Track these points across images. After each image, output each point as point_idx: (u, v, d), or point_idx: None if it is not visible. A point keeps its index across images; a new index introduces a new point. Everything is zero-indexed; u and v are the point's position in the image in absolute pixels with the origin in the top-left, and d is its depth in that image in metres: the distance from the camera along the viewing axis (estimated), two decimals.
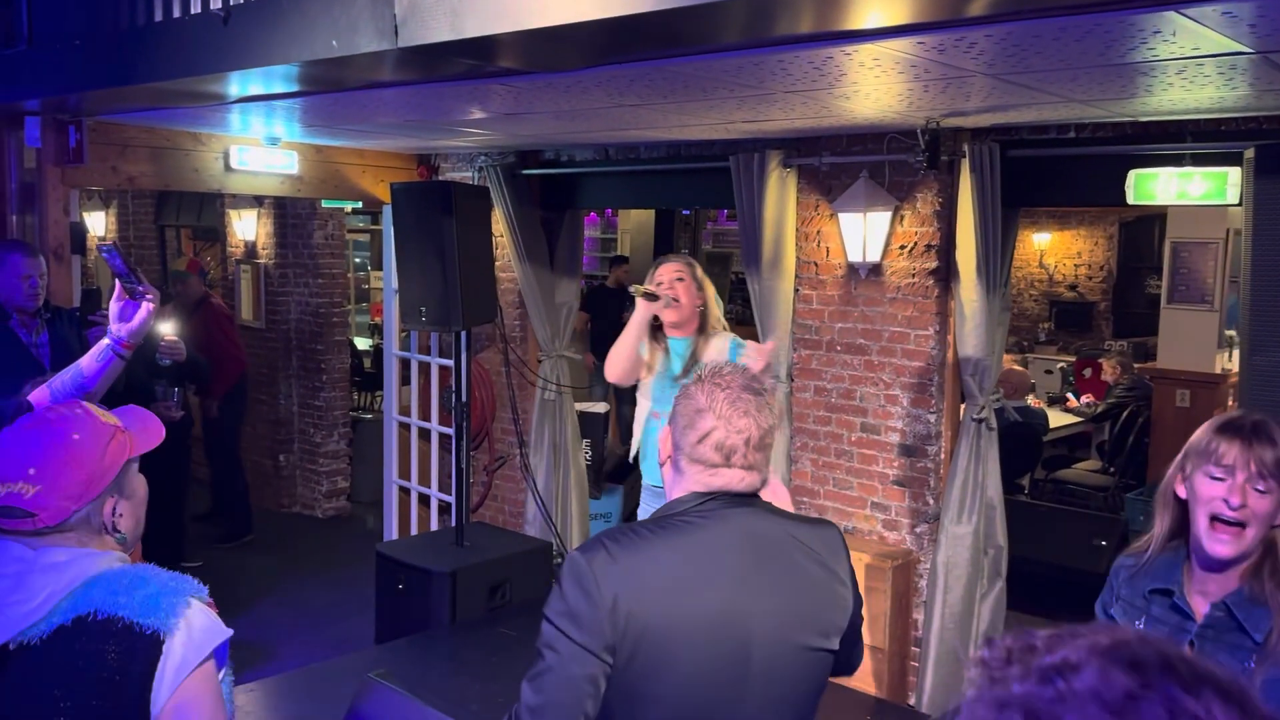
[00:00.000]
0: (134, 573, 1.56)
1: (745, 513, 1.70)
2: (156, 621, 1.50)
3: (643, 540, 1.66)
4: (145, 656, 1.49)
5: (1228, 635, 1.82)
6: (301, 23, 2.92)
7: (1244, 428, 1.81)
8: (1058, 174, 4.31)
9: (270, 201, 7.47)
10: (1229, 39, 2.40)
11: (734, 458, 1.68)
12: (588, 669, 1.57)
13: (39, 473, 1.54)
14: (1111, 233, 11.53)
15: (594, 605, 1.58)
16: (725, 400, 1.69)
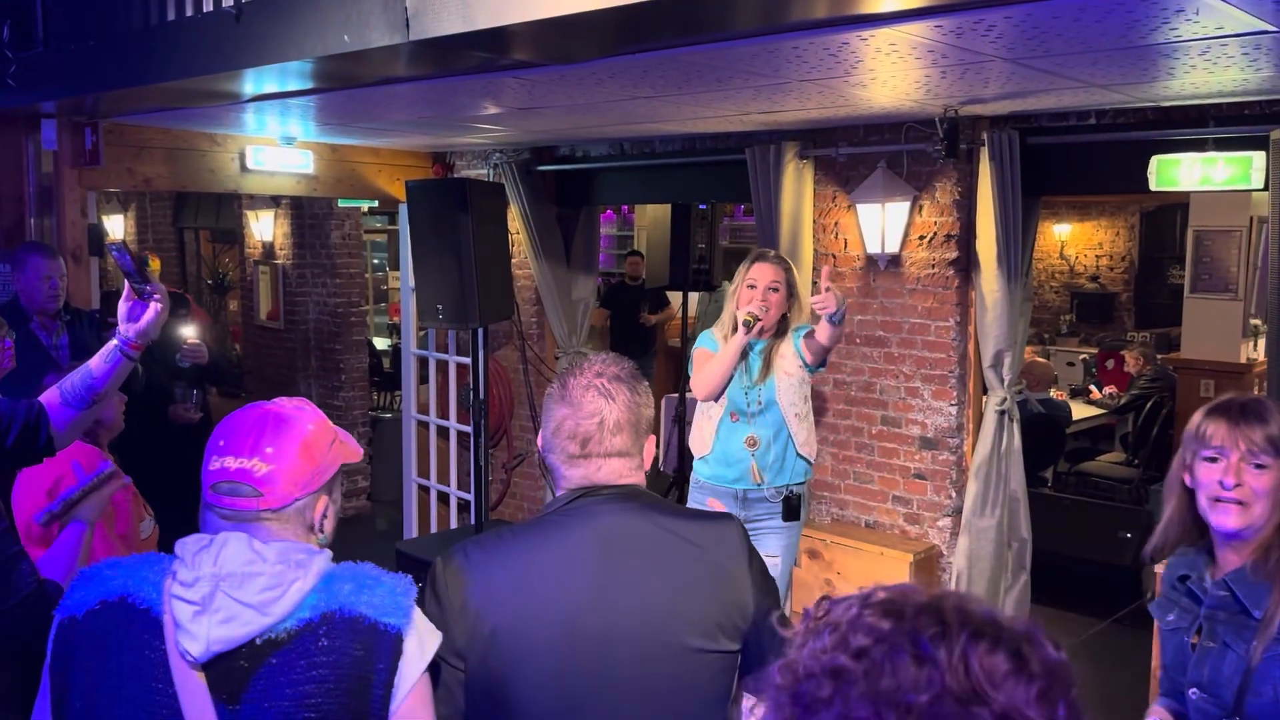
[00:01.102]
0: (365, 570, 1.55)
1: (612, 509, 1.63)
2: (398, 621, 1.49)
3: (502, 542, 1.64)
4: (389, 655, 1.48)
5: (1233, 615, 1.80)
6: (313, 17, 2.92)
7: (1231, 408, 1.81)
8: (1078, 161, 4.25)
9: (287, 202, 7.49)
10: (1254, 17, 2.35)
11: (590, 445, 1.63)
12: (439, 675, 1.55)
13: (275, 453, 1.53)
14: (1132, 223, 11.42)
15: (443, 610, 1.56)
16: (576, 386, 1.65)
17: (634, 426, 1.66)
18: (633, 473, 1.68)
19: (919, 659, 0.81)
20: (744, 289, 3.65)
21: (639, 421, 1.67)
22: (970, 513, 4.44)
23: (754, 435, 3.67)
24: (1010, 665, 0.80)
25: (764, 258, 3.70)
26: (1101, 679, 4.77)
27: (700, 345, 3.80)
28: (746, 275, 3.66)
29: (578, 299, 6.07)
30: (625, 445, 1.65)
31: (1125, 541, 5.56)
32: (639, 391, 1.68)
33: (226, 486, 1.51)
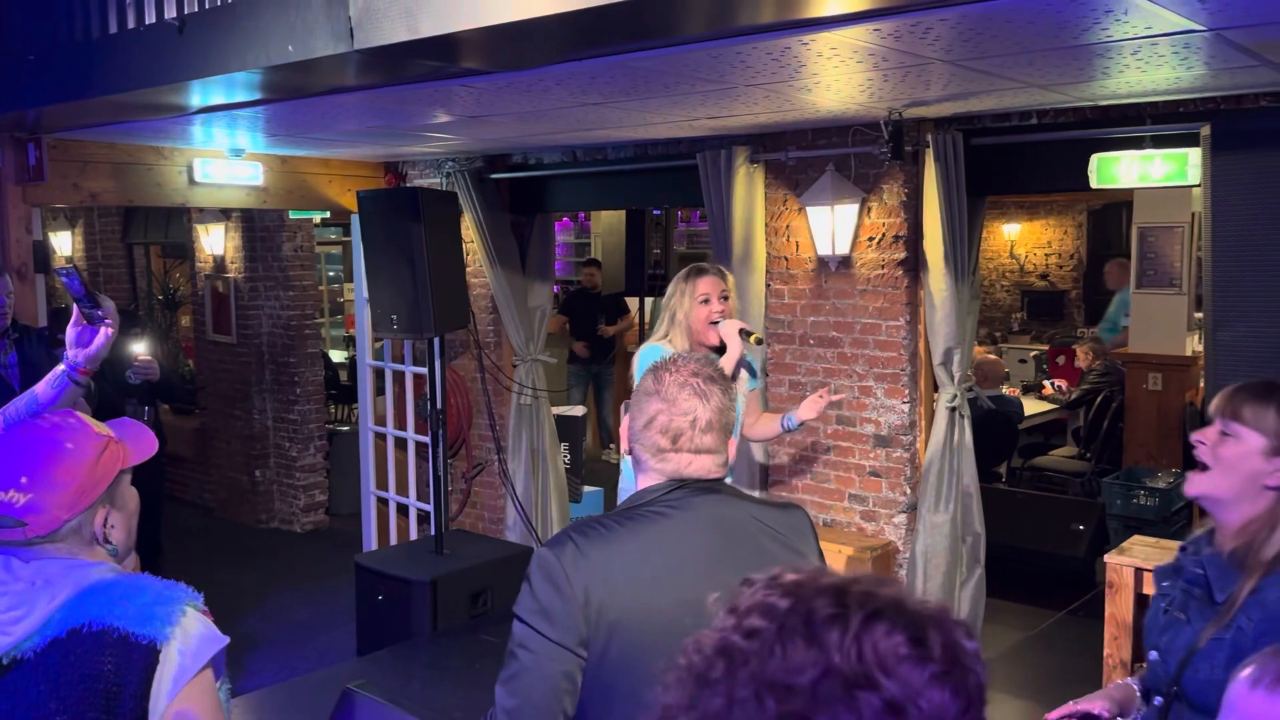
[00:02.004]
0: (127, 582, 1.54)
1: (711, 500, 1.69)
2: (152, 631, 1.48)
3: (611, 533, 1.65)
4: (141, 666, 1.47)
5: (1202, 594, 1.86)
6: (257, 28, 2.91)
7: (1244, 386, 1.87)
8: (1021, 161, 4.34)
9: (238, 215, 7.41)
10: (1181, 17, 2.42)
11: (681, 440, 1.67)
12: (563, 665, 1.56)
13: (31, 481, 1.52)
14: (1080, 221, 11.63)
15: (566, 600, 1.56)
16: (672, 384, 1.69)
17: (723, 427, 1.71)
18: (719, 469, 1.73)
19: (810, 640, 0.79)
20: (698, 305, 3.53)
21: (727, 423, 1.72)
22: (925, 508, 4.51)
23: None
24: (909, 648, 0.78)
25: (706, 271, 3.64)
26: (1056, 669, 4.85)
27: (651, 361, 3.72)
28: (697, 291, 3.54)
29: (534, 306, 6.07)
30: (714, 443, 1.70)
31: (1078, 533, 5.67)
32: (729, 394, 1.74)
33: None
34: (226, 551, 7.13)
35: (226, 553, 7.09)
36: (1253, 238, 2.55)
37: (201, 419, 8.11)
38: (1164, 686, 1.87)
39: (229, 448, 7.81)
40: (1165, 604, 1.94)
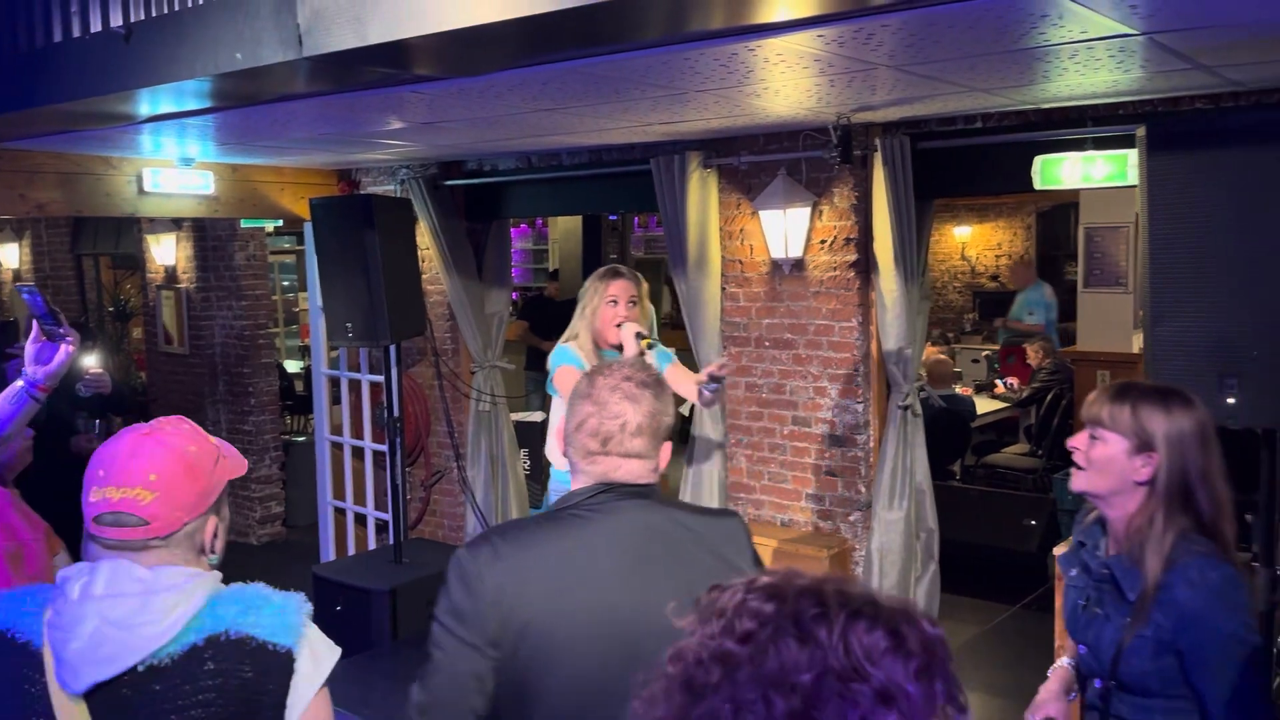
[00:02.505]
0: (253, 590, 1.55)
1: (637, 505, 1.69)
2: (288, 640, 1.49)
3: (530, 535, 1.67)
4: (280, 674, 1.48)
5: (1114, 591, 1.96)
6: (204, 36, 2.90)
7: (1111, 388, 1.98)
8: (967, 164, 4.42)
9: (189, 224, 7.34)
10: (1114, 21, 2.49)
11: (610, 444, 1.69)
12: (473, 666, 1.58)
13: (159, 480, 1.51)
14: (1029, 223, 11.84)
15: (477, 601, 1.59)
16: (604, 387, 1.71)
17: (653, 432, 1.71)
18: (649, 474, 1.73)
19: (802, 640, 0.83)
20: (605, 307, 3.68)
21: (659, 428, 1.73)
22: (880, 506, 4.57)
23: None
24: (889, 643, 0.83)
25: (619, 273, 3.78)
26: (1010, 662, 4.93)
27: (567, 364, 3.72)
28: (607, 292, 3.69)
29: (491, 313, 6.07)
30: (643, 448, 1.71)
31: (1030, 529, 5.77)
32: (661, 399, 1.74)
33: (110, 518, 1.49)
34: None
35: None
36: (1187, 235, 2.63)
37: None
38: (1101, 675, 1.96)
39: None
40: (1083, 600, 2.02)
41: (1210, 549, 1.85)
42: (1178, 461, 1.85)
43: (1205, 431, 1.87)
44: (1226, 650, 1.78)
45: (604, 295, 3.70)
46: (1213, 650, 1.79)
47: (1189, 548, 1.84)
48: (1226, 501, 1.87)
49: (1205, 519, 1.86)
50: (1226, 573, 1.82)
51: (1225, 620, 1.79)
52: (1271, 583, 2.79)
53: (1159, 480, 1.86)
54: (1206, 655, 1.79)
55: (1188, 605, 1.80)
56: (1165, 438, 1.85)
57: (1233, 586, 1.81)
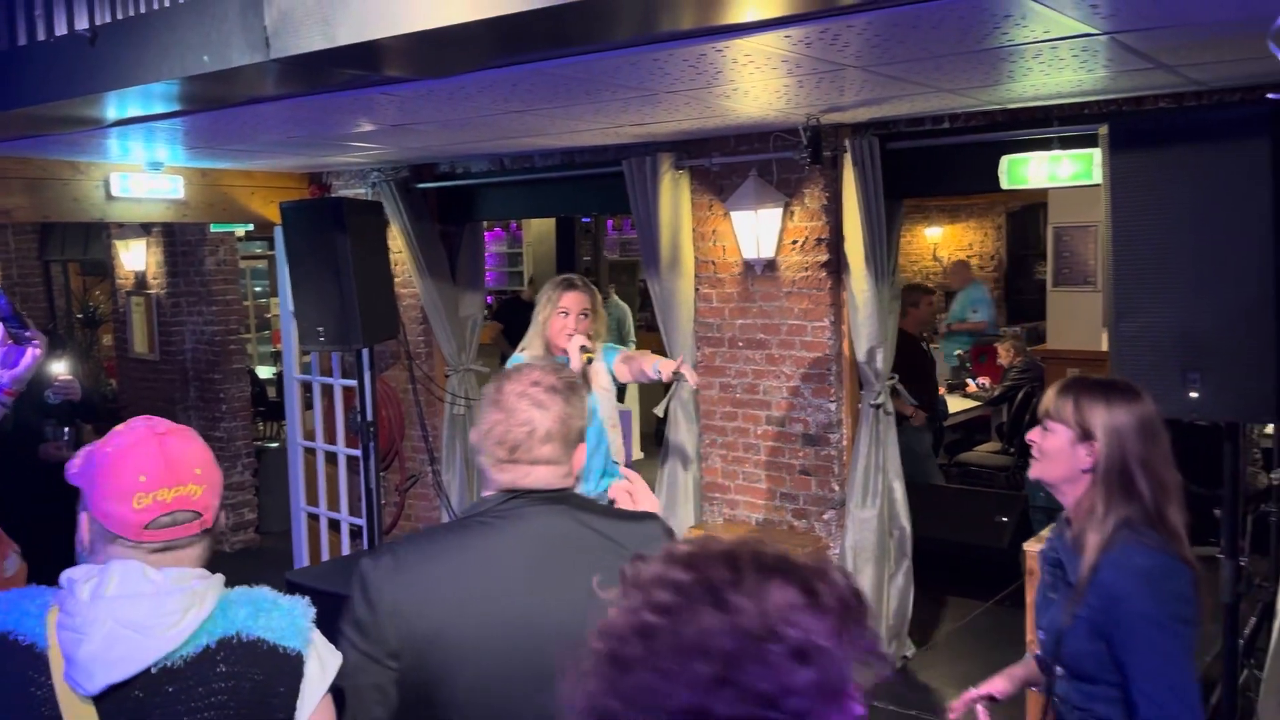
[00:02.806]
0: (259, 594, 1.55)
1: (546, 511, 1.67)
2: (298, 644, 1.49)
3: (433, 544, 1.66)
4: (290, 678, 1.48)
5: (1063, 577, 2.03)
6: (171, 39, 2.88)
7: (1056, 384, 2.07)
8: (935, 164, 4.46)
9: (158, 230, 7.28)
10: (1076, 21, 2.53)
11: (518, 451, 1.67)
12: (373, 677, 1.57)
13: (204, 473, 1.52)
14: (999, 223, 11.95)
15: (376, 613, 1.58)
16: (511, 394, 1.69)
17: (563, 437, 1.69)
18: (561, 480, 1.71)
19: (717, 605, 0.85)
20: (556, 317, 3.77)
21: (569, 432, 1.70)
22: (853, 504, 4.60)
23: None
24: (803, 600, 0.85)
25: (573, 285, 3.84)
26: (986, 658, 4.97)
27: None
28: (559, 304, 3.77)
29: (465, 316, 6.06)
30: (554, 454, 1.69)
31: (1002, 525, 5.82)
32: (572, 403, 1.72)
33: (167, 519, 1.48)
34: None
35: None
36: (1149, 232, 2.67)
37: None
38: (1050, 660, 2.02)
39: None
40: (1046, 588, 2.10)
41: (1155, 540, 1.89)
42: (1116, 450, 1.91)
43: (1147, 422, 1.93)
44: (1144, 635, 1.82)
45: (556, 306, 3.78)
46: (1130, 633, 1.84)
47: (1129, 534, 1.89)
48: (1173, 490, 1.92)
49: (1149, 506, 1.90)
50: (1158, 560, 1.86)
51: (1144, 604, 1.83)
52: (1235, 574, 2.83)
53: (1099, 467, 1.92)
54: (1125, 638, 1.84)
55: (1111, 587, 1.86)
56: (1104, 427, 1.92)
57: (1161, 574, 1.85)
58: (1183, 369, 2.63)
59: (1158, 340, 2.68)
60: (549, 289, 3.89)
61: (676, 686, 0.83)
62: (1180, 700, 1.81)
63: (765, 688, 0.82)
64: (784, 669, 0.82)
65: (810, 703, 0.83)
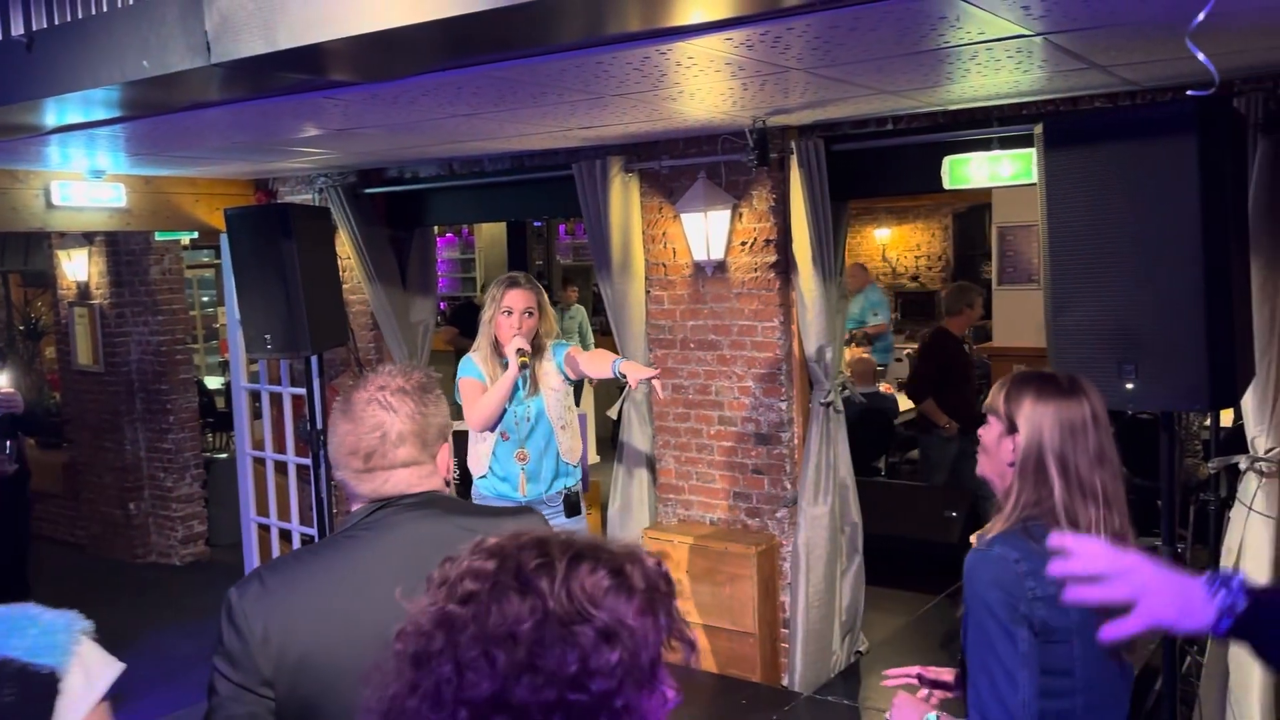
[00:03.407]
0: (17, 612, 1.49)
1: (414, 517, 1.63)
2: (52, 660, 1.44)
3: (300, 565, 1.63)
4: (42, 697, 1.43)
5: None
6: (109, 43, 2.84)
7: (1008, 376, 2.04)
8: (880, 165, 4.53)
9: (101, 239, 7.15)
10: (1010, 23, 2.59)
11: (373, 459, 1.64)
12: (247, 707, 1.54)
13: None
14: (946, 224, 12.14)
15: (245, 642, 1.54)
16: (358, 402, 1.66)
17: (419, 436, 1.65)
18: (425, 480, 1.67)
19: (523, 591, 0.85)
20: (500, 316, 3.80)
21: (425, 430, 1.67)
22: (805, 502, 4.65)
23: (524, 450, 3.88)
24: (612, 582, 0.86)
25: (516, 283, 3.86)
26: (936, 651, 5.05)
27: (466, 375, 3.91)
28: (502, 302, 3.80)
29: (417, 321, 6.03)
30: (411, 455, 1.65)
31: (951, 520, 5.91)
32: (425, 401, 1.68)
33: None
34: (101, 589, 6.84)
35: (101, 591, 6.80)
36: (1083, 228, 2.73)
37: (70, 452, 7.78)
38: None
39: (100, 481, 7.51)
40: None
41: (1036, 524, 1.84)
42: (1034, 443, 1.87)
43: (1075, 418, 1.87)
44: (978, 618, 1.79)
45: (500, 305, 3.80)
46: (971, 615, 1.82)
47: (1019, 529, 1.84)
48: (1093, 491, 1.85)
49: (1056, 503, 1.84)
50: (1016, 551, 1.80)
51: (984, 589, 1.79)
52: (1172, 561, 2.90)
53: (1017, 459, 1.89)
54: (967, 620, 1.83)
55: (966, 568, 1.84)
56: (1025, 419, 1.89)
57: (1010, 563, 1.78)
58: (1118, 361, 2.70)
59: (1094, 333, 2.74)
60: (493, 288, 3.92)
61: (478, 676, 0.83)
62: (995, 698, 1.77)
63: (570, 670, 0.82)
64: (590, 650, 0.83)
65: (617, 683, 0.83)
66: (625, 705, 0.84)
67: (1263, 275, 3.44)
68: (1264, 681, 3.56)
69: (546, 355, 3.92)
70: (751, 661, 4.71)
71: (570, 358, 3.90)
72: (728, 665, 4.77)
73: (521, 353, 3.72)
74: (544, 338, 3.93)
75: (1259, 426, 3.55)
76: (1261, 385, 3.47)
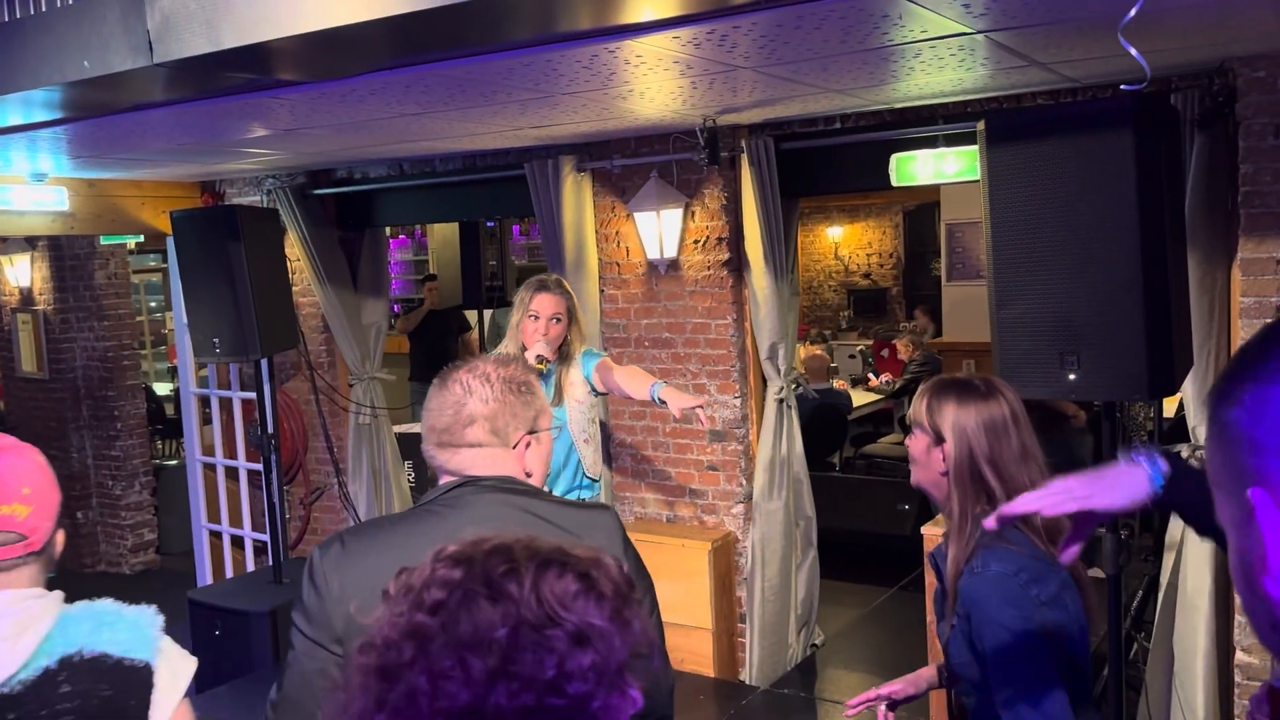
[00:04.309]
0: (101, 608, 1.52)
1: (490, 499, 1.68)
2: (145, 654, 1.47)
3: (381, 532, 1.68)
4: (140, 689, 1.46)
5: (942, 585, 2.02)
6: (49, 43, 2.80)
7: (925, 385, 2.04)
8: (829, 163, 4.57)
9: (44, 243, 7.02)
10: (951, 20, 2.63)
11: (445, 435, 1.70)
12: (319, 663, 1.57)
13: (33, 493, 1.48)
14: (896, 221, 12.27)
15: (322, 599, 1.58)
16: (453, 379, 1.72)
17: (491, 421, 1.70)
18: (496, 465, 1.71)
19: (494, 598, 0.85)
20: (527, 320, 3.67)
21: (499, 416, 1.70)
22: (759, 497, 4.69)
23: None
24: (580, 586, 0.87)
25: (546, 287, 3.73)
26: (890, 642, 5.12)
27: None
28: (530, 305, 3.67)
29: (369, 323, 5.98)
30: (480, 437, 1.69)
31: (904, 513, 5.99)
32: (509, 390, 1.72)
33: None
34: None
35: None
36: (1025, 222, 2.79)
37: None
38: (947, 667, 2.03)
39: None
40: (938, 591, 2.09)
41: (1019, 539, 1.85)
42: (964, 450, 1.89)
43: (996, 420, 1.89)
44: (1000, 643, 1.79)
45: (527, 309, 3.68)
46: (989, 640, 1.81)
47: (991, 538, 1.84)
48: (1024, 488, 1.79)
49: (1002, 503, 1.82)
50: (1015, 564, 1.82)
51: (997, 611, 1.79)
52: (1117, 547, 2.97)
53: (950, 470, 1.90)
54: (985, 645, 1.82)
55: (968, 593, 1.84)
56: (951, 428, 1.90)
57: (1011, 578, 1.80)
58: (1060, 352, 2.76)
59: (1036, 326, 2.80)
60: (522, 291, 3.76)
61: (454, 685, 0.82)
62: (1038, 712, 1.77)
63: (547, 674, 0.82)
64: (564, 654, 0.83)
65: (592, 686, 0.84)
66: (602, 707, 0.84)
67: (1201, 268, 3.53)
68: (1208, 667, 3.65)
69: (575, 364, 3.76)
70: (708, 656, 4.74)
71: (603, 368, 3.72)
72: (685, 661, 4.79)
73: (541, 359, 3.58)
74: (573, 345, 3.77)
75: (1199, 415, 3.64)
76: (1201, 375, 3.56)
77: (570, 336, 3.76)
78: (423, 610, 0.87)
